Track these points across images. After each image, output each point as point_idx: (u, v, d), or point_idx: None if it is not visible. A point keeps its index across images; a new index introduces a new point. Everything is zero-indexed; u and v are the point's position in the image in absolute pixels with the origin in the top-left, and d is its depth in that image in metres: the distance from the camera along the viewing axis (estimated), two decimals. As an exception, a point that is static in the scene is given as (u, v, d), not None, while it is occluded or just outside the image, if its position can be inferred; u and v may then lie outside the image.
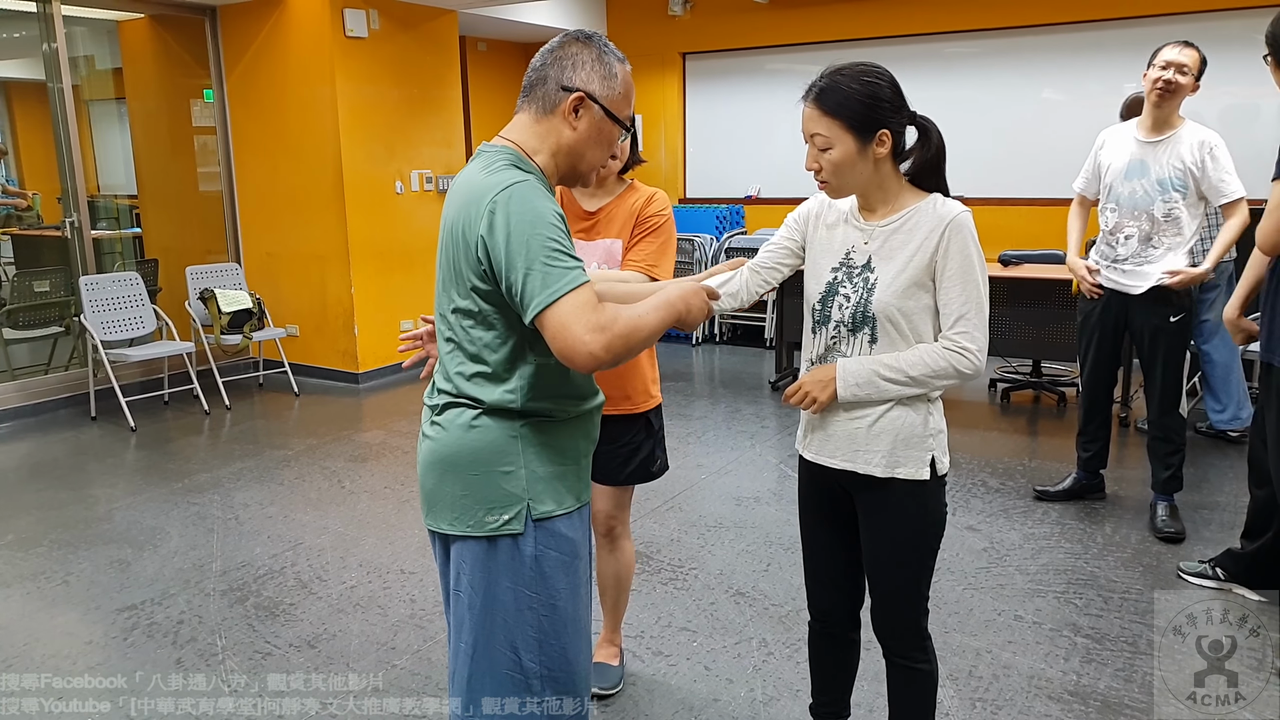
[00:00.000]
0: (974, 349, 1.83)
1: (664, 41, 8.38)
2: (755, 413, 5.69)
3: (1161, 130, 3.57)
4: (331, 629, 3.13)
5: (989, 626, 3.04)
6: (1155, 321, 3.62)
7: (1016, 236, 6.75)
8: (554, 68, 1.66)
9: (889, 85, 1.81)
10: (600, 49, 1.68)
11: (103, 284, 5.83)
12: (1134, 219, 3.62)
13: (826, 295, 1.93)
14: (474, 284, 1.60)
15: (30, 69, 7.76)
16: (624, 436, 2.48)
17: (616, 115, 1.69)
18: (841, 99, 1.78)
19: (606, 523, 2.61)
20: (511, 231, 1.51)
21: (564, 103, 1.65)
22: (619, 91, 1.69)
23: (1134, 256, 3.63)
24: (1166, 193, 3.54)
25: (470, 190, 1.61)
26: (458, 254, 1.62)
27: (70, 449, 5.18)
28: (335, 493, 4.43)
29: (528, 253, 1.50)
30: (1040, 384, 5.84)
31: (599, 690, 2.67)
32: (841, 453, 1.94)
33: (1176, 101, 3.52)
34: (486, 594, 1.66)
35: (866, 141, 1.80)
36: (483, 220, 1.54)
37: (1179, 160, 3.51)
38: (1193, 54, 3.50)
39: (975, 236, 1.84)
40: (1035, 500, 4.10)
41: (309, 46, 6.24)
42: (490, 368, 1.63)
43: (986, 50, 7.23)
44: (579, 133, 1.67)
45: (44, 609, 3.30)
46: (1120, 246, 3.67)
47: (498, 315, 1.61)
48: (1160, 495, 3.79)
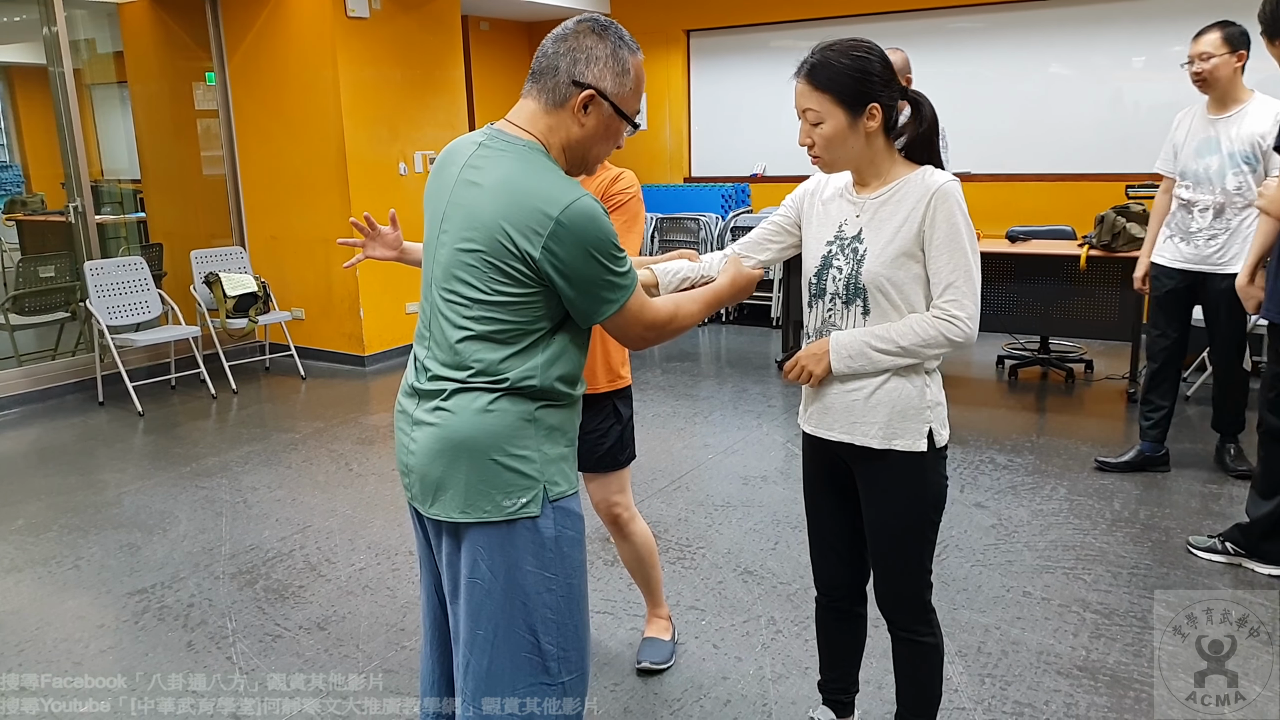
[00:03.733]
0: (963, 316, 1.84)
1: (668, 18, 8.31)
2: (762, 392, 5.68)
3: (1228, 106, 3.69)
4: (341, 611, 3.14)
5: (998, 603, 3.04)
6: (1225, 285, 3.69)
7: (1024, 212, 6.71)
8: (566, 58, 1.63)
9: (879, 60, 1.83)
10: (615, 43, 1.64)
11: (108, 269, 5.83)
12: (1208, 193, 3.72)
13: (821, 268, 1.96)
14: (513, 277, 1.57)
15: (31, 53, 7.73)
16: (591, 422, 2.45)
17: (626, 112, 1.67)
18: (832, 74, 1.81)
19: (608, 511, 2.62)
20: (580, 254, 1.55)
21: (574, 99, 1.63)
22: (630, 87, 1.66)
23: (1207, 229, 3.74)
24: (1237, 166, 3.64)
25: (515, 189, 1.57)
26: (495, 248, 1.56)
27: (78, 434, 5.20)
28: (343, 475, 4.44)
29: (593, 273, 1.57)
30: (1048, 360, 5.82)
31: (650, 665, 2.70)
32: (840, 425, 1.96)
33: (1222, 84, 3.64)
34: (508, 578, 1.64)
35: (857, 115, 1.82)
36: (545, 233, 1.53)
37: (1249, 134, 3.61)
38: (1210, 37, 3.62)
39: (963, 205, 1.84)
40: (1096, 471, 4.13)
41: (310, 28, 6.21)
42: (516, 347, 1.61)
43: (992, 25, 7.15)
44: (587, 130, 1.66)
45: (55, 593, 3.32)
46: (1194, 220, 3.78)
47: (531, 304, 1.59)
48: (1225, 438, 4.09)
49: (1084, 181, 6.82)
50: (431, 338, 1.68)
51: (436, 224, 1.68)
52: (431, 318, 1.69)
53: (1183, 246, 3.84)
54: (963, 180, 1.90)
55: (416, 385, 1.70)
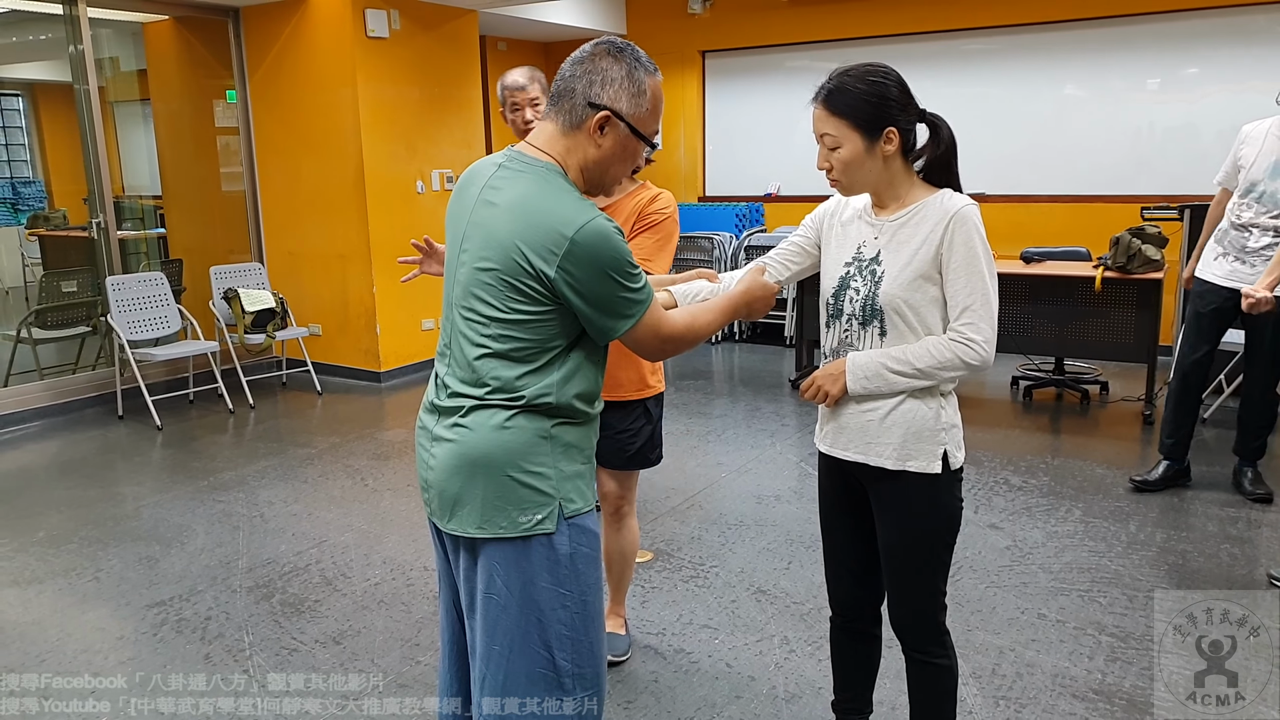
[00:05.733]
0: (980, 340, 1.85)
1: (684, 40, 8.38)
2: (775, 411, 5.69)
3: None
4: (356, 625, 3.16)
5: (1012, 624, 3.04)
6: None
7: (1038, 234, 6.71)
8: (582, 80, 1.66)
9: (895, 84, 1.85)
10: (631, 65, 1.66)
11: (128, 284, 5.90)
12: (1273, 216, 3.67)
13: (839, 289, 1.98)
14: (530, 295, 1.60)
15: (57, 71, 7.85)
16: (623, 423, 2.62)
17: (643, 133, 1.69)
18: (849, 99, 1.83)
19: (615, 503, 2.76)
20: (596, 273, 1.58)
21: (590, 120, 1.65)
22: (646, 108, 1.68)
23: (1265, 249, 3.69)
24: None
25: (531, 209, 1.60)
26: (511, 267, 1.59)
27: (98, 447, 5.25)
28: (358, 490, 4.47)
29: (608, 291, 1.60)
30: (1063, 382, 5.81)
31: (611, 658, 2.79)
32: (855, 445, 1.97)
33: None
34: (523, 594, 1.66)
35: (874, 139, 1.84)
36: (560, 253, 1.56)
37: None
38: None
39: (981, 229, 1.86)
40: (1133, 492, 4.11)
41: (330, 47, 6.29)
42: (532, 365, 1.63)
43: (1007, 46, 7.18)
44: (603, 150, 1.68)
45: (76, 604, 3.35)
46: (1251, 239, 3.73)
47: (547, 322, 1.62)
48: (1245, 462, 4.04)
49: (1099, 203, 6.82)
50: (451, 355, 1.71)
51: (457, 244, 1.71)
52: (452, 336, 1.72)
53: (1238, 266, 3.77)
54: (976, 201, 1.92)
55: (437, 402, 1.74)
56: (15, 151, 9.96)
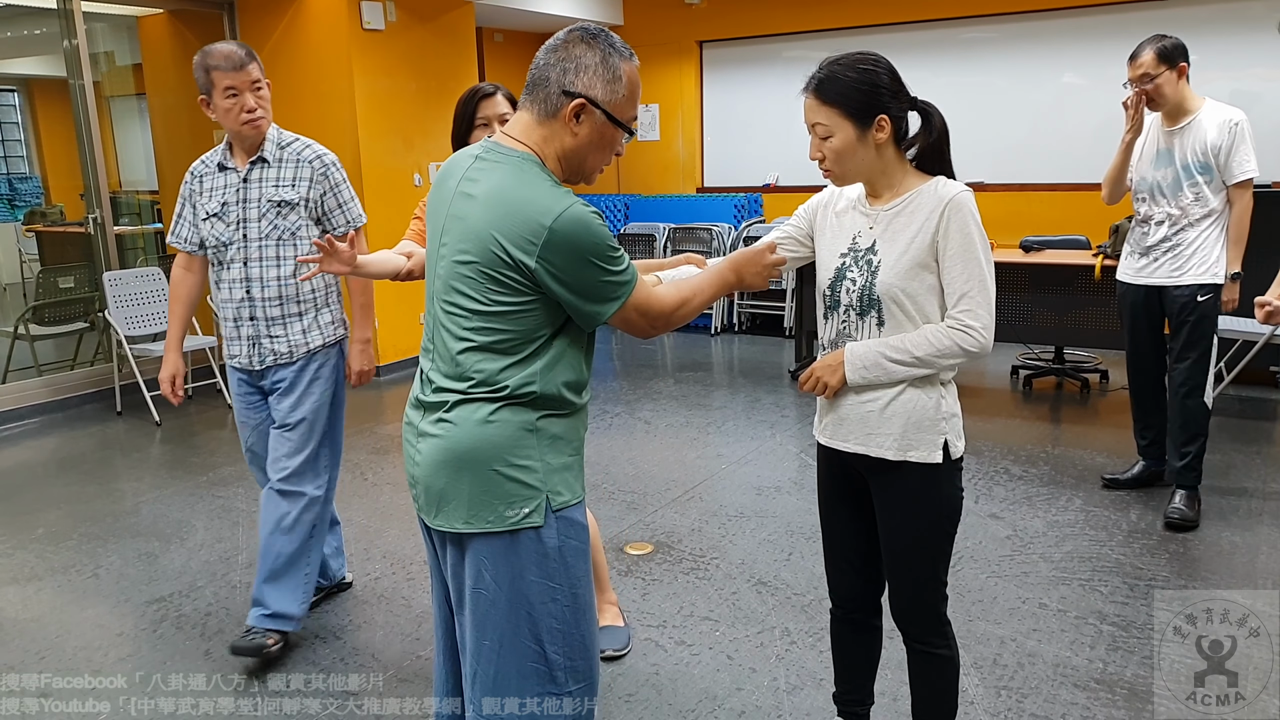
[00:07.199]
0: (978, 326, 1.84)
1: (681, 30, 8.35)
2: (775, 402, 5.68)
3: (1179, 117, 3.57)
4: (356, 620, 3.15)
5: (1013, 614, 3.03)
6: (1183, 299, 3.60)
7: (1037, 222, 6.69)
8: (556, 68, 1.63)
9: (886, 72, 1.84)
10: (605, 50, 1.63)
11: (126, 280, 5.88)
12: (1163, 206, 3.62)
13: (835, 280, 1.96)
14: (510, 286, 1.58)
15: (52, 66, 7.83)
16: None
17: (620, 119, 1.66)
18: (839, 88, 1.83)
19: None
20: (577, 259, 1.56)
21: (565, 108, 1.62)
22: (622, 94, 1.65)
23: (1163, 242, 3.64)
24: (1192, 177, 3.53)
25: (507, 200, 1.58)
26: (489, 258, 1.58)
27: (97, 443, 5.24)
28: (357, 485, 4.46)
29: (591, 277, 1.59)
30: (1063, 370, 5.80)
31: (612, 652, 2.76)
32: (855, 436, 1.96)
33: (1168, 99, 3.54)
34: (512, 588, 1.65)
35: (866, 128, 1.83)
36: (540, 243, 1.54)
37: (1202, 142, 3.50)
38: (1146, 58, 3.54)
39: (976, 216, 1.85)
40: (1104, 489, 4.02)
41: (326, 39, 6.26)
42: (516, 356, 1.62)
43: (1006, 35, 7.16)
44: (579, 139, 1.65)
45: (75, 601, 3.35)
46: (1150, 235, 3.68)
47: (529, 313, 1.60)
48: (1178, 486, 3.71)
49: (1098, 191, 6.77)
50: (435, 350, 1.70)
51: (437, 237, 1.70)
52: (434, 330, 1.70)
53: (1145, 261, 3.70)
54: (976, 190, 1.91)
55: (421, 397, 1.72)
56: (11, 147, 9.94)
